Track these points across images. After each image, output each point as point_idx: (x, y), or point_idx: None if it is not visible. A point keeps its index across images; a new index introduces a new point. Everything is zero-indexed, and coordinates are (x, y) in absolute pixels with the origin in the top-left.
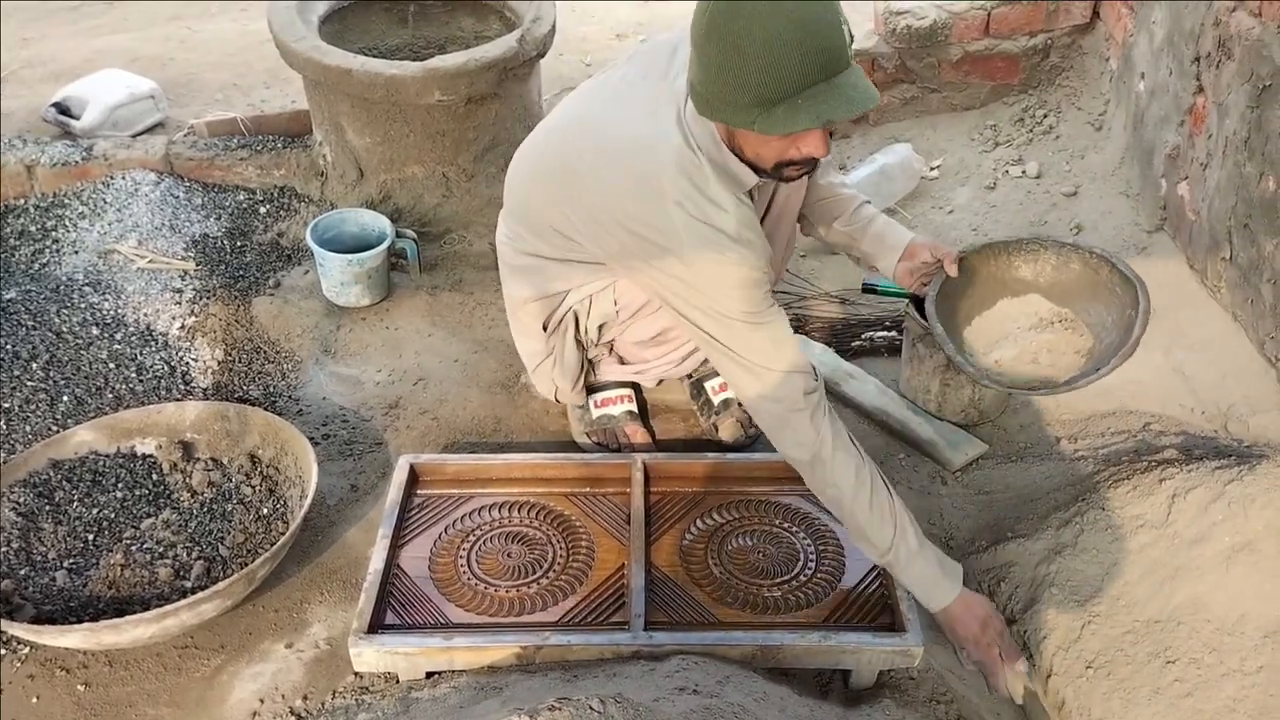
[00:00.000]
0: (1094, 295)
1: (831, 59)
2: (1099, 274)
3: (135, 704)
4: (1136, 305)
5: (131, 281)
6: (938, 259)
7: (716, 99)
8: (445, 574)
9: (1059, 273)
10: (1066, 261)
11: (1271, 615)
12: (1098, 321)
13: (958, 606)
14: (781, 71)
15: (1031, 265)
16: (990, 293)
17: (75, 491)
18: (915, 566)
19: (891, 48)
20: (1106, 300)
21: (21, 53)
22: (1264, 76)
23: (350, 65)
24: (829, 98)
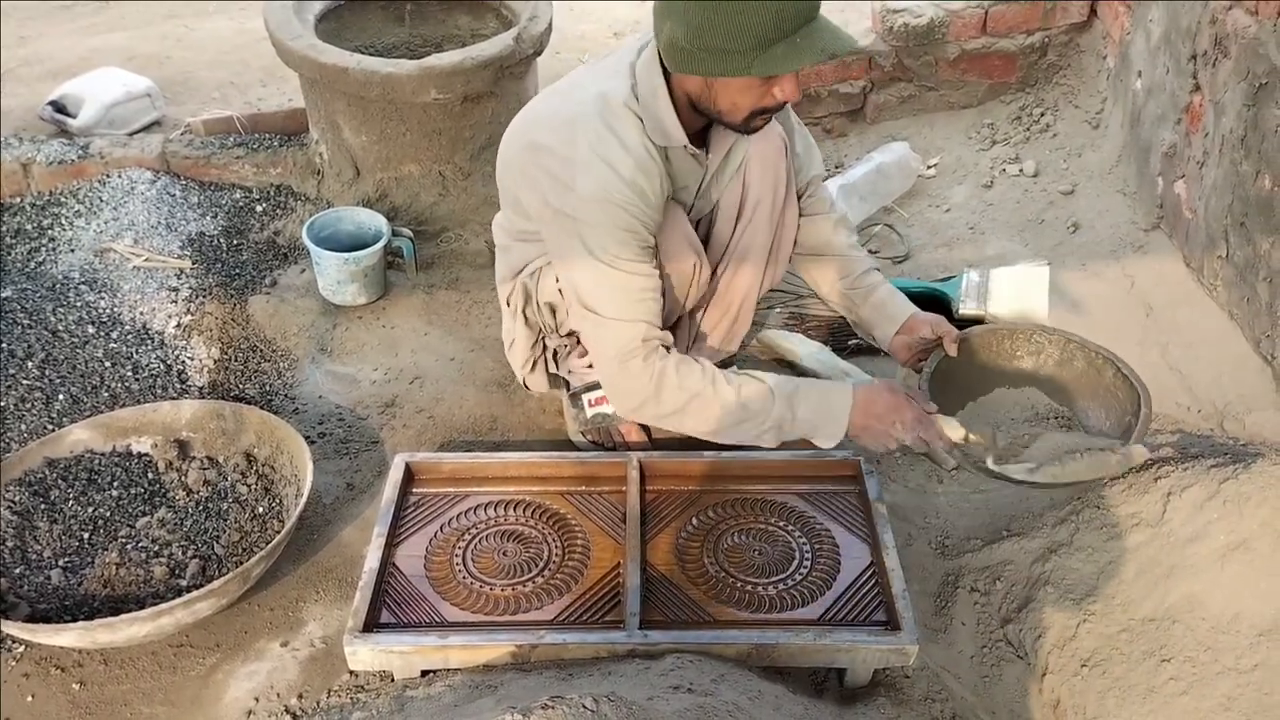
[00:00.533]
0: (1094, 395)
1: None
2: (1103, 375)
3: (130, 703)
4: (1137, 413)
5: (127, 280)
6: (938, 336)
7: (704, 52)
8: (440, 573)
9: (1061, 368)
10: (1070, 358)
11: (1266, 614)
12: (1095, 424)
13: (857, 416)
14: (782, 12)
15: (1034, 357)
16: (988, 378)
17: (71, 490)
18: (803, 409)
19: (889, 46)
20: (1106, 403)
21: (19, 51)
22: (1260, 74)
23: (346, 64)
24: (822, 35)
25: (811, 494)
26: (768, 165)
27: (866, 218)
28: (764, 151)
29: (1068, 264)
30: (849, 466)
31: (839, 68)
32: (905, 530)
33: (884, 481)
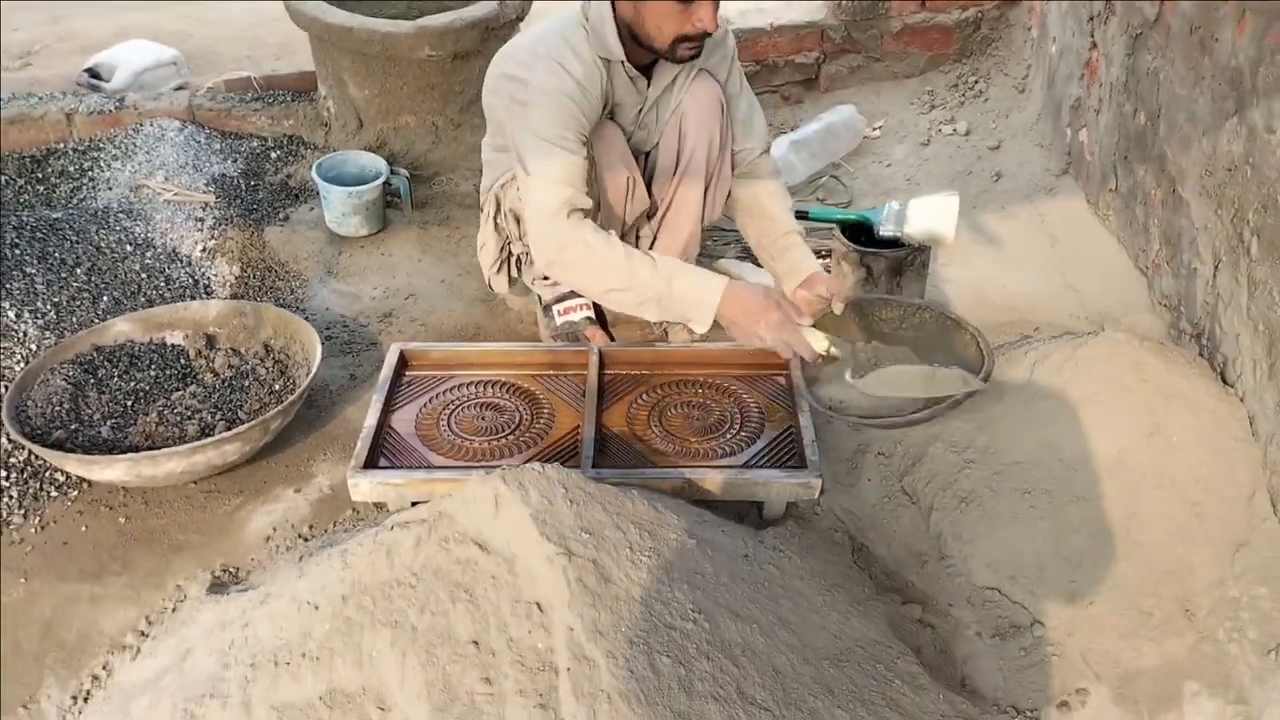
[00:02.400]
0: (952, 354)
1: None
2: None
3: (168, 533)
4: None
5: (159, 211)
6: (831, 294)
7: None
8: (428, 432)
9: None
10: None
11: (1109, 453)
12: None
13: (727, 308)
14: None
15: (910, 323)
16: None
17: (115, 369)
18: (679, 288)
19: (839, 20)
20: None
21: (53, 28)
22: (1136, 26)
23: (350, 23)
24: None
25: (745, 377)
26: (703, 123)
27: (816, 171)
28: (700, 111)
29: (989, 208)
30: (777, 356)
31: (794, 40)
32: (827, 414)
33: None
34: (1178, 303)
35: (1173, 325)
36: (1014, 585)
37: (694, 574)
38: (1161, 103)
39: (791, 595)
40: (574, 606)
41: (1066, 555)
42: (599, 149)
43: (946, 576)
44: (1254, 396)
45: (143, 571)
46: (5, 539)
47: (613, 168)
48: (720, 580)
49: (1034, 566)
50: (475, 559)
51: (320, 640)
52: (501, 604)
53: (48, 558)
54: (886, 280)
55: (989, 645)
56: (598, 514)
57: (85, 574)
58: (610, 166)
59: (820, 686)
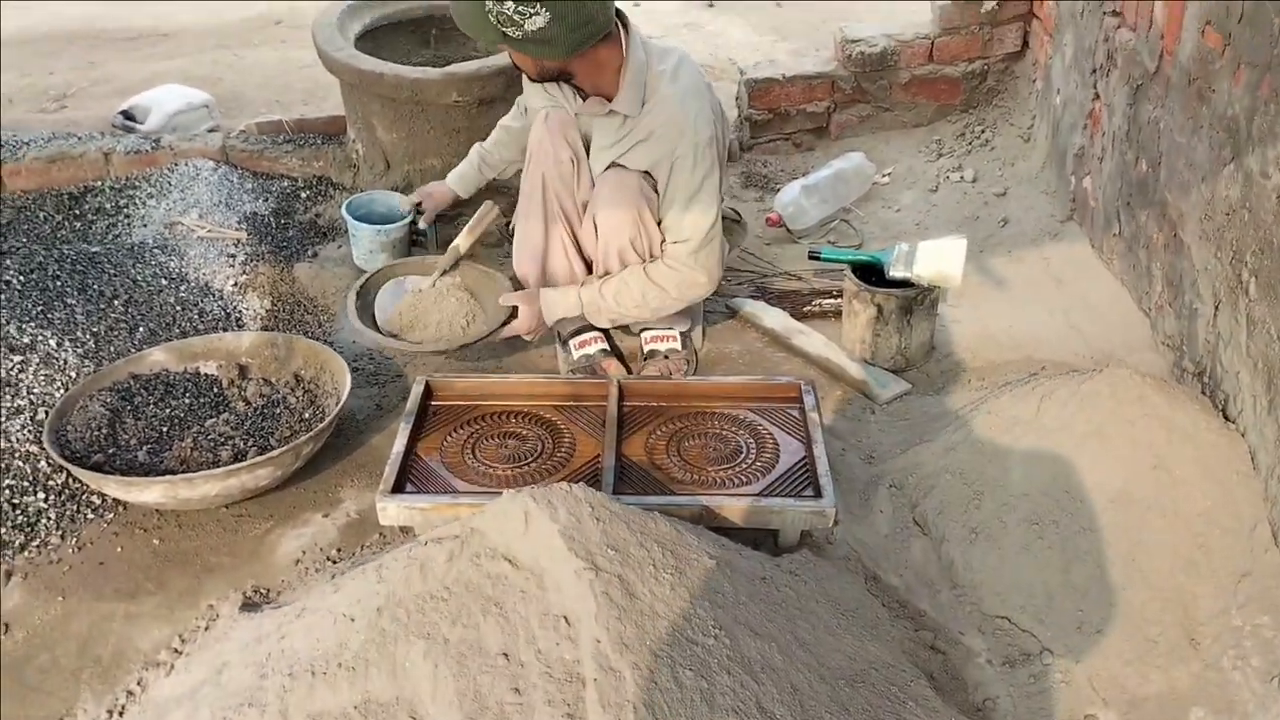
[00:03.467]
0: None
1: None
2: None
3: (201, 554)
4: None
5: (193, 247)
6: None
7: None
8: (453, 460)
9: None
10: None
11: (1114, 485)
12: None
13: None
14: None
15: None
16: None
17: (151, 397)
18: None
19: (849, 71)
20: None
21: (89, 73)
22: (1137, 77)
23: (381, 70)
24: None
25: (760, 409)
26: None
27: (827, 215)
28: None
29: (996, 252)
30: (792, 389)
31: (806, 89)
32: (840, 446)
33: (825, 410)
34: (1180, 342)
35: (1175, 364)
36: (1023, 614)
37: (714, 592)
38: (1162, 150)
39: (808, 617)
40: (601, 619)
41: (1074, 584)
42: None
43: (957, 605)
44: (1254, 431)
45: (176, 591)
46: (44, 559)
47: (556, 144)
48: (739, 599)
49: (1043, 595)
50: (505, 573)
51: (356, 651)
52: (530, 617)
53: (84, 577)
54: (897, 319)
55: (999, 672)
56: (623, 532)
57: (121, 593)
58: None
59: (837, 705)
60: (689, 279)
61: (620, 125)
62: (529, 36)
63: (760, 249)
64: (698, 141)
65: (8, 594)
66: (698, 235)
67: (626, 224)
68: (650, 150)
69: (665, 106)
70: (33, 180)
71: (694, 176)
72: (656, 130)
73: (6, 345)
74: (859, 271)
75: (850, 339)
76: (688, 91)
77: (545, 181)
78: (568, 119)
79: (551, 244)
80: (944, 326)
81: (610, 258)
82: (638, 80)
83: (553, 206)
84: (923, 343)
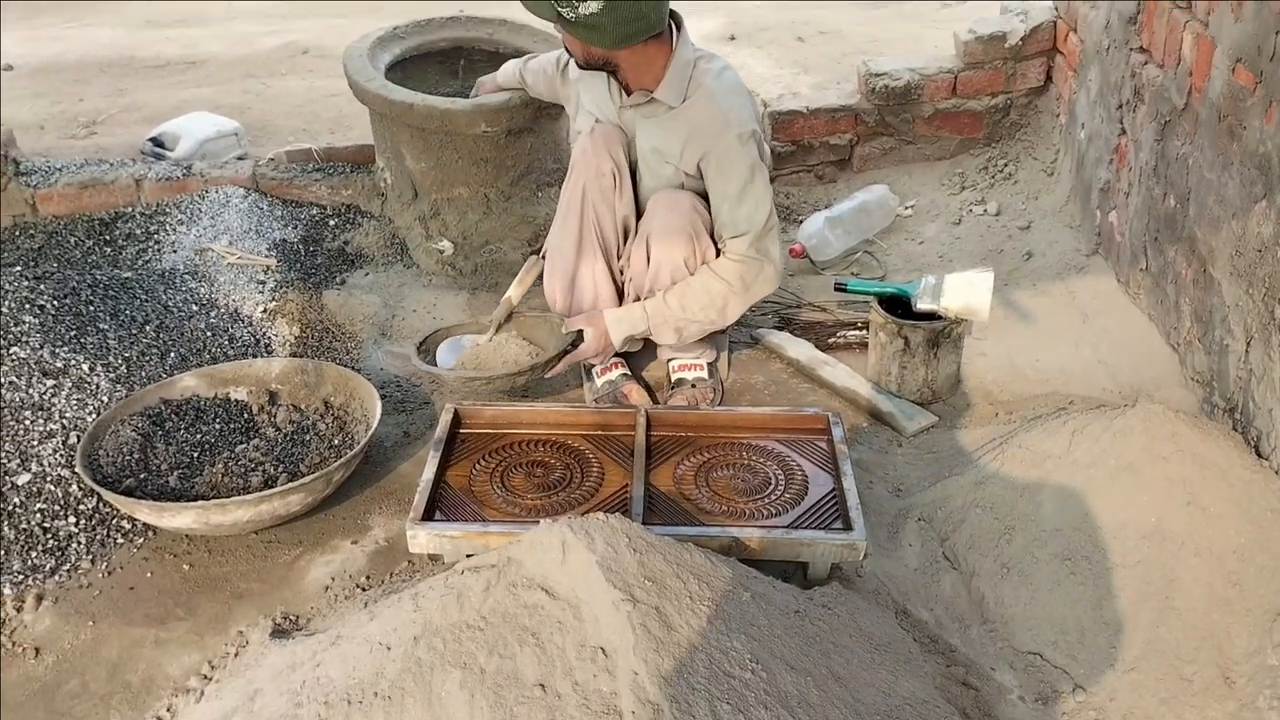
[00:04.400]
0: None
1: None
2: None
3: (230, 580)
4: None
5: (223, 274)
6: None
7: None
8: (482, 489)
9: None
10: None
11: (1148, 520)
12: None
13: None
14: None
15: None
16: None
17: (182, 422)
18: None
19: (872, 105)
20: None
21: (118, 100)
22: (1165, 113)
23: (412, 100)
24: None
25: (788, 441)
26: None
27: (850, 247)
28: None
29: (1021, 285)
30: (820, 421)
31: (829, 122)
32: (868, 479)
33: (852, 442)
34: (1210, 378)
35: (1205, 400)
36: (1056, 650)
37: (750, 625)
38: (1191, 186)
39: (841, 651)
40: (638, 651)
41: (1107, 621)
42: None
43: (989, 641)
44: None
45: (206, 617)
46: (74, 583)
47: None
48: (775, 632)
49: (1075, 632)
50: (542, 604)
51: (392, 680)
52: (567, 648)
53: (114, 602)
54: (924, 351)
55: (1032, 709)
56: (659, 563)
57: (151, 618)
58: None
59: None
60: (754, 269)
61: (663, 120)
62: (580, 20)
63: (784, 280)
64: (741, 132)
65: (38, 618)
66: (756, 225)
67: (681, 243)
68: (693, 141)
69: (708, 99)
70: (65, 206)
71: (742, 167)
72: (700, 122)
73: (40, 369)
74: (885, 303)
75: (876, 371)
76: (730, 88)
77: (585, 192)
78: (612, 133)
79: (582, 264)
80: (970, 359)
81: (662, 275)
82: (682, 73)
83: (589, 216)
84: (949, 375)
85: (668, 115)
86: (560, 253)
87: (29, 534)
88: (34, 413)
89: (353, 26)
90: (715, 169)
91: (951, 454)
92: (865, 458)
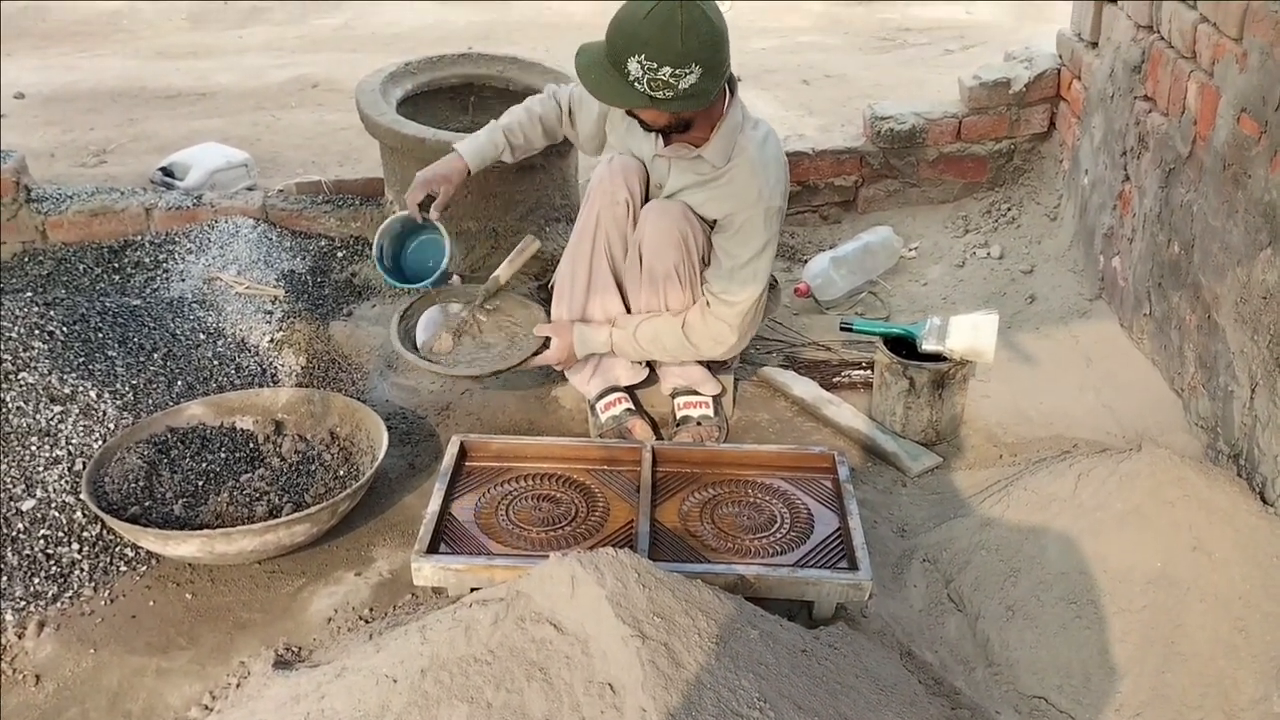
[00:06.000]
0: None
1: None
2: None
3: (233, 610)
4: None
5: (231, 303)
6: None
7: None
8: (487, 521)
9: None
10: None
11: (1153, 565)
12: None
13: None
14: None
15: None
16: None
17: (187, 450)
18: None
19: (877, 148)
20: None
21: (128, 129)
22: (1169, 161)
23: (424, 135)
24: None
25: (794, 479)
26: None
27: (854, 287)
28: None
29: (1024, 328)
30: (825, 459)
31: (834, 164)
32: (872, 519)
33: (856, 481)
34: (1214, 424)
35: (1210, 446)
36: (1060, 694)
37: (758, 664)
38: (1195, 233)
39: (849, 692)
40: (647, 688)
41: (1112, 666)
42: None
43: (993, 684)
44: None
45: (208, 647)
46: (76, 610)
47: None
48: (783, 672)
49: (1080, 676)
50: (550, 638)
51: (397, 713)
52: (575, 684)
53: (116, 630)
54: (929, 392)
55: None
56: (668, 599)
57: (152, 647)
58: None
59: None
60: (721, 337)
61: (700, 172)
62: (680, 94)
63: (789, 319)
64: (769, 207)
65: (39, 645)
66: (749, 300)
67: (671, 249)
68: (724, 201)
69: (750, 166)
70: (74, 233)
71: (760, 240)
72: (737, 188)
73: (48, 395)
74: (890, 344)
75: (881, 411)
76: (771, 159)
77: (600, 220)
78: (631, 165)
79: (592, 291)
80: (974, 401)
81: (656, 281)
82: (730, 135)
83: (601, 242)
84: (954, 416)
85: (705, 172)
86: (571, 277)
87: (32, 560)
88: (40, 438)
89: (362, 62)
90: (734, 231)
91: (955, 495)
92: (870, 497)
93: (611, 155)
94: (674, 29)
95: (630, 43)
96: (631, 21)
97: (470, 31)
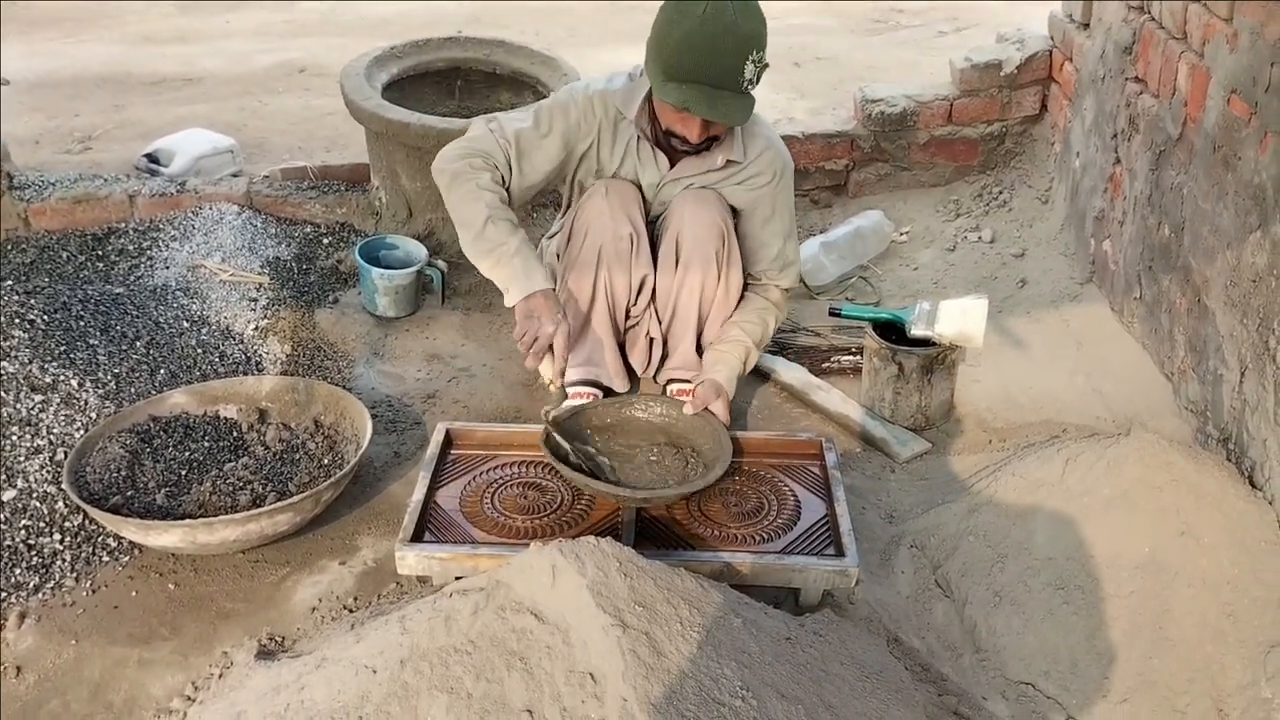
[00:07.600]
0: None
1: (718, 75)
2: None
3: (216, 600)
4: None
5: (215, 291)
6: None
7: (647, 56)
8: (472, 509)
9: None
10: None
11: (1141, 550)
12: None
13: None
14: (683, 59)
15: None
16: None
17: (170, 439)
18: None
19: (868, 130)
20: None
21: (113, 116)
22: (1160, 143)
23: (408, 120)
24: (700, 97)
25: (782, 466)
26: (699, 242)
27: (845, 272)
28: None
29: (1015, 312)
30: (813, 446)
31: (825, 148)
32: (860, 505)
33: (845, 467)
34: (1204, 408)
35: (1199, 430)
36: (1048, 680)
37: (741, 652)
38: (1185, 216)
39: (833, 679)
40: (628, 678)
41: (1100, 651)
42: (614, 197)
43: (980, 670)
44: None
45: (191, 637)
46: (57, 601)
47: (616, 218)
48: (766, 660)
49: (1067, 662)
50: (531, 628)
51: (377, 704)
52: (556, 673)
53: (98, 621)
54: (918, 377)
55: None
56: (650, 588)
57: (134, 638)
58: (615, 217)
59: None
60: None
61: (718, 167)
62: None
63: None
64: (790, 171)
65: (20, 636)
66: (799, 258)
67: (714, 238)
68: (753, 189)
69: (765, 142)
70: (57, 220)
71: (791, 204)
72: (763, 163)
73: (28, 384)
74: (879, 329)
75: (870, 396)
76: (774, 133)
77: (602, 256)
78: (630, 194)
79: (589, 333)
80: (963, 386)
81: (691, 268)
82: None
83: (602, 281)
84: (943, 402)
85: (734, 167)
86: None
87: (13, 550)
88: (21, 428)
89: (349, 46)
90: (770, 207)
91: (944, 481)
92: (858, 483)
93: (604, 185)
94: (758, 12)
95: (744, 46)
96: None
97: (459, 15)
